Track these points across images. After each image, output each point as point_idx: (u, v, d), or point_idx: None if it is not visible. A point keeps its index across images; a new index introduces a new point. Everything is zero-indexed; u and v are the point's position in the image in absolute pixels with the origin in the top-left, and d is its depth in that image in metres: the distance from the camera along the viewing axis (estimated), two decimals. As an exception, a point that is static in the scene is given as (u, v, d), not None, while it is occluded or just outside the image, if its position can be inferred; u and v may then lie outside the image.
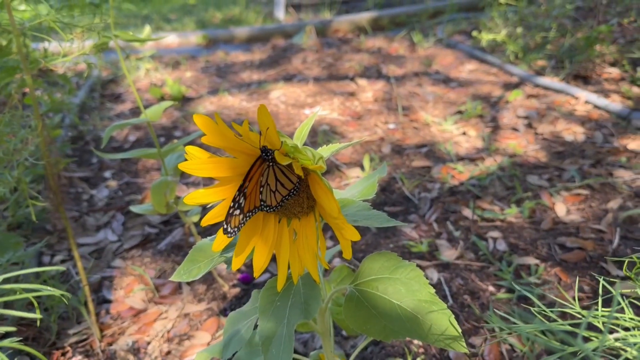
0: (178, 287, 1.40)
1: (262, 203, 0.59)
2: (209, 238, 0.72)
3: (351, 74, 3.17)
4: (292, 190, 0.58)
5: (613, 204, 1.57)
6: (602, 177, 1.72)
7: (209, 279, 1.42)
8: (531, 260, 1.38)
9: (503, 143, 2.06)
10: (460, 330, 0.62)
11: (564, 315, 1.21)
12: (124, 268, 1.47)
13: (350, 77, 3.11)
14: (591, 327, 1.08)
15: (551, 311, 0.68)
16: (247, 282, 1.41)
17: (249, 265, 1.49)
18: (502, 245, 1.46)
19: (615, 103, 2.20)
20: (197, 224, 1.45)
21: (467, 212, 1.61)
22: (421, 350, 1.15)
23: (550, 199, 1.65)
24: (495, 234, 1.50)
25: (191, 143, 1.98)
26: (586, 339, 0.95)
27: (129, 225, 1.69)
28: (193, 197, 0.61)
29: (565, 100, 2.37)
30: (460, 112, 2.41)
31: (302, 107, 2.63)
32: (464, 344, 0.61)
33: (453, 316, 0.62)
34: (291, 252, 0.63)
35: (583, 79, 2.59)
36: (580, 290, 1.29)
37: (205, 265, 0.70)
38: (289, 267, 0.64)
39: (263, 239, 0.63)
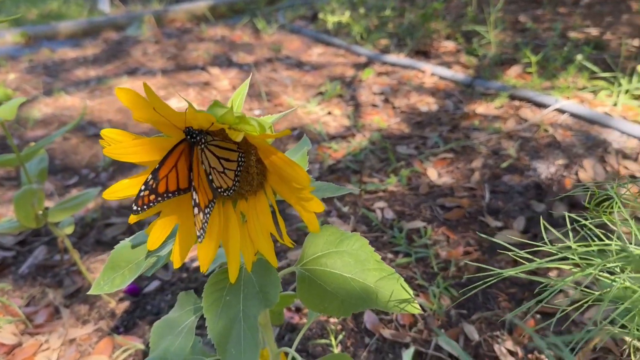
0: (55, 312, 1.21)
1: (218, 190, 0.52)
2: (129, 238, 0.62)
3: (201, 63, 3.04)
4: (240, 160, 0.52)
5: (476, 163, 1.71)
6: (461, 140, 1.87)
7: (91, 296, 1.25)
8: (419, 224, 1.45)
9: (367, 119, 2.13)
10: (411, 292, 0.60)
11: (459, 270, 1.29)
12: (-22, 302, 1.24)
13: (201, 66, 2.98)
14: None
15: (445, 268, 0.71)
16: (136, 293, 1.27)
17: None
18: (389, 214, 1.50)
19: (459, 73, 2.39)
20: (70, 236, 1.27)
21: (350, 188, 1.63)
22: (339, 327, 1.14)
23: (421, 165, 1.74)
24: (381, 204, 1.54)
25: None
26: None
27: (-27, 252, 1.42)
28: (115, 191, 0.51)
29: (414, 75, 2.53)
30: (321, 94, 2.44)
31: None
32: (417, 305, 0.60)
33: (402, 279, 0.61)
34: (242, 237, 0.56)
35: (424, 54, 2.79)
36: (467, 244, 1.38)
37: (130, 271, 0.60)
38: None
39: (208, 227, 0.55)
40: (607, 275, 0.46)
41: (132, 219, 0.53)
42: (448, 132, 1.96)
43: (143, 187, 0.48)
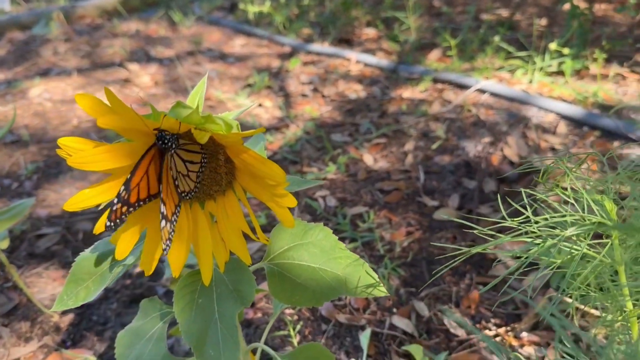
0: (-8, 334, 1.14)
1: (182, 194, 0.51)
2: (90, 249, 0.59)
3: (117, 59, 2.91)
4: (202, 162, 0.51)
5: (409, 146, 1.77)
6: (391, 125, 1.92)
7: (31, 311, 1.18)
8: (361, 209, 1.48)
9: (299, 109, 2.14)
10: (376, 276, 0.62)
11: (404, 250, 1.34)
12: None
13: (118, 63, 2.86)
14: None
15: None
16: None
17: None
18: (332, 202, 1.53)
19: (383, 60, 2.45)
20: (5, 251, 1.19)
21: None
22: (296, 317, 1.15)
23: (357, 151, 1.78)
24: (322, 192, 1.57)
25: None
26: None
27: None
28: (77, 202, 0.49)
29: (339, 63, 2.56)
30: (249, 86, 2.42)
31: (73, 103, 2.33)
32: (383, 289, 0.62)
33: (367, 265, 0.63)
34: (213, 238, 0.55)
35: (347, 42, 2.83)
36: (409, 225, 1.43)
37: (95, 283, 0.58)
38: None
39: (176, 231, 0.54)
40: (567, 244, 0.50)
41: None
42: (378, 117, 2.01)
43: (115, 200, 0.46)
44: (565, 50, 2.05)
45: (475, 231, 0.56)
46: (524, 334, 1.10)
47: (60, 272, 1.33)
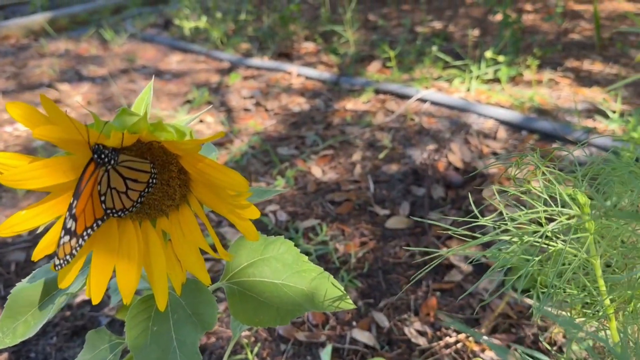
0: None
1: (108, 211, 0.45)
2: (27, 279, 0.53)
3: (46, 80, 2.77)
4: (150, 181, 0.46)
5: (356, 157, 1.77)
6: (338, 136, 1.91)
7: (-42, 356, 1.07)
8: (313, 222, 1.45)
9: (242, 124, 2.09)
10: (342, 289, 0.60)
11: (358, 261, 1.32)
12: None
13: (47, 84, 2.71)
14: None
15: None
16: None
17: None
18: (283, 216, 1.49)
19: (324, 72, 2.45)
20: None
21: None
22: (253, 339, 1.10)
23: (304, 164, 1.75)
24: (272, 207, 1.52)
25: None
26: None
27: None
28: (12, 225, 0.43)
29: (281, 77, 2.54)
30: (189, 102, 2.35)
31: (1, 126, 2.18)
32: (350, 301, 0.59)
33: (332, 277, 0.60)
34: (167, 259, 0.51)
35: (286, 56, 2.82)
36: (362, 235, 1.41)
37: (35, 317, 0.52)
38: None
39: (124, 253, 0.49)
40: (545, 241, 0.49)
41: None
42: (324, 129, 1.99)
43: (62, 234, 0.41)
44: (500, 58, 2.12)
45: (430, 237, 0.55)
46: (485, 338, 1.10)
47: (-10, 309, 1.21)
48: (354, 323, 1.15)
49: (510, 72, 2.09)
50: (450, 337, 1.11)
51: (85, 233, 0.44)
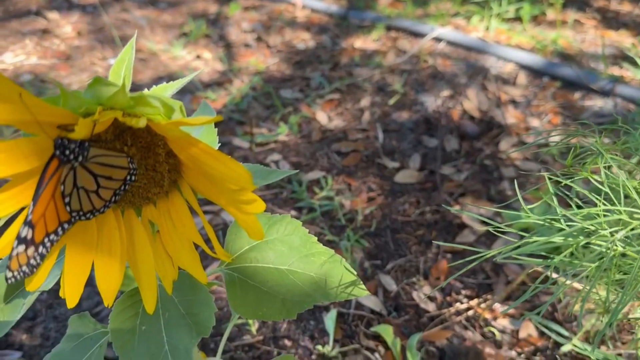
0: None
1: (74, 214, 0.36)
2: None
3: (34, 7, 2.58)
4: (128, 178, 0.37)
5: (365, 102, 1.65)
6: (345, 78, 1.79)
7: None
8: (318, 174, 1.37)
9: (243, 61, 1.96)
10: (356, 273, 0.52)
11: (366, 219, 1.24)
12: None
13: (35, 11, 2.53)
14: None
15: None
16: None
17: None
18: (286, 167, 1.40)
19: (332, 5, 2.28)
20: None
21: (238, 142, 1.49)
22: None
23: (309, 109, 1.64)
24: (275, 156, 1.43)
25: None
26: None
27: None
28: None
29: (284, 8, 2.36)
30: (185, 35, 2.19)
31: (-17, 58, 2.04)
32: (364, 287, 0.52)
33: (344, 260, 0.52)
34: (156, 254, 0.42)
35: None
36: (370, 189, 1.33)
37: (4, 314, 0.44)
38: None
39: (104, 247, 0.41)
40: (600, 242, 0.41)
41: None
42: (330, 70, 1.86)
43: (16, 243, 0.32)
44: (523, -5, 1.96)
45: (441, 193, 0.46)
46: (497, 306, 1.04)
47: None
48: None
49: (533, 10, 1.93)
50: (462, 303, 1.06)
51: (47, 239, 0.35)
